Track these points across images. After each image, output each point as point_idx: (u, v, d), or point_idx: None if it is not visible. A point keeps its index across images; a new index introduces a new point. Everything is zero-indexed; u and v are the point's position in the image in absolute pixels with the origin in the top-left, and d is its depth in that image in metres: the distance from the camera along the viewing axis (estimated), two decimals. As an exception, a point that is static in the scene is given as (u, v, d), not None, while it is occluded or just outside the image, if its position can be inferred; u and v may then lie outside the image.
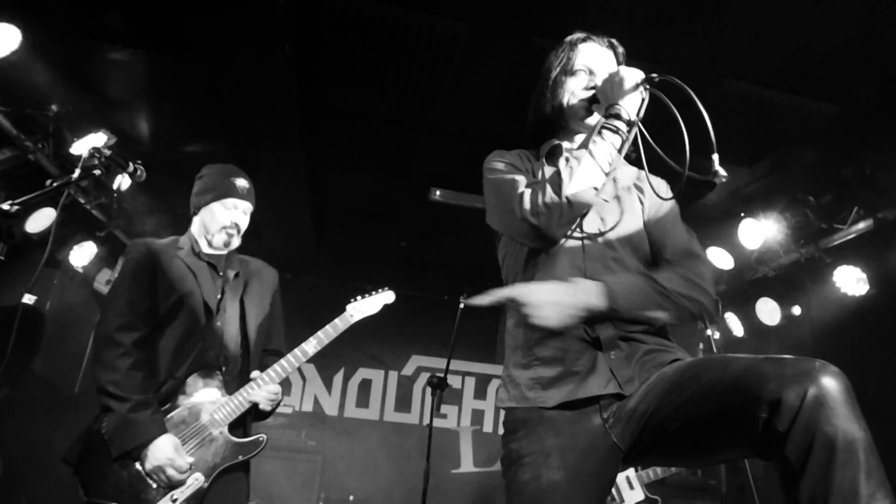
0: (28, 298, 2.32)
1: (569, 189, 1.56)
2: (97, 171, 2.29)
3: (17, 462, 4.54)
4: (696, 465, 1.55)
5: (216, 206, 2.63)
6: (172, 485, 2.23)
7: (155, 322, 2.42)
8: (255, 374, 2.53)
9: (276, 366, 2.56)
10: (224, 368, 2.48)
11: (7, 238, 1.91)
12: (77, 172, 2.26)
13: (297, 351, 2.62)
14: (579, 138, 1.91)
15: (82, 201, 4.94)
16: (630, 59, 3.73)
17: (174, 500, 2.23)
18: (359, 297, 2.99)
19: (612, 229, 1.74)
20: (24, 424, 4.82)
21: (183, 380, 2.40)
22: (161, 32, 3.69)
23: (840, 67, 3.55)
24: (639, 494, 4.10)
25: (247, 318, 2.61)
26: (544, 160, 1.90)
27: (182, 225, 2.76)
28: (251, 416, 2.56)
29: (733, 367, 1.32)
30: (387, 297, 3.08)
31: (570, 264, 1.65)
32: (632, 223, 1.79)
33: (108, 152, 2.34)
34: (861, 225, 4.50)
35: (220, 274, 2.63)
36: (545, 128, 1.96)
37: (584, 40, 2.00)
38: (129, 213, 5.47)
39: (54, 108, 4.23)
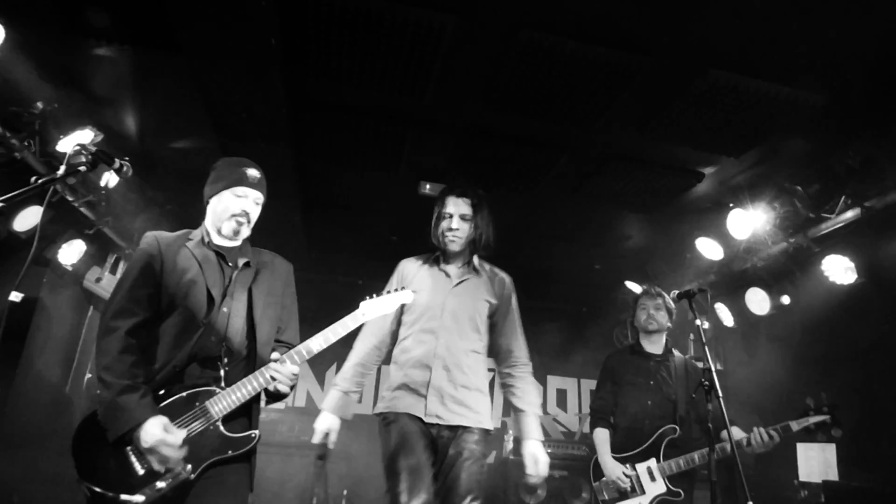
0: (15, 296, 2.31)
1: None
2: (83, 168, 2.28)
3: (8, 459, 4.53)
4: None
5: (226, 195, 2.65)
6: (169, 464, 2.23)
7: (156, 309, 2.42)
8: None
9: (288, 354, 2.52)
10: (226, 360, 2.46)
11: (-8, 236, 1.90)
12: (62, 169, 2.25)
13: (301, 348, 2.54)
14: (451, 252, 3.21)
15: (70, 199, 4.92)
16: (616, 50, 3.76)
17: (158, 490, 2.23)
18: (374, 295, 2.78)
19: (455, 304, 3.06)
20: (15, 422, 4.81)
21: (182, 367, 2.39)
22: (145, 28, 3.67)
23: (827, 57, 3.56)
24: (661, 486, 3.92)
25: (254, 308, 2.58)
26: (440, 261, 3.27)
27: (172, 220, 2.77)
28: (257, 406, 2.53)
29: None
30: (404, 296, 2.84)
31: (429, 323, 3.04)
32: (471, 303, 3.09)
33: (94, 149, 2.33)
34: (849, 214, 4.52)
35: (230, 264, 2.62)
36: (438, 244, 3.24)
37: (449, 192, 3.19)
38: (117, 211, 5.45)
39: (40, 105, 4.20)
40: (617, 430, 4.13)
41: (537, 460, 2.96)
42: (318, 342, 2.57)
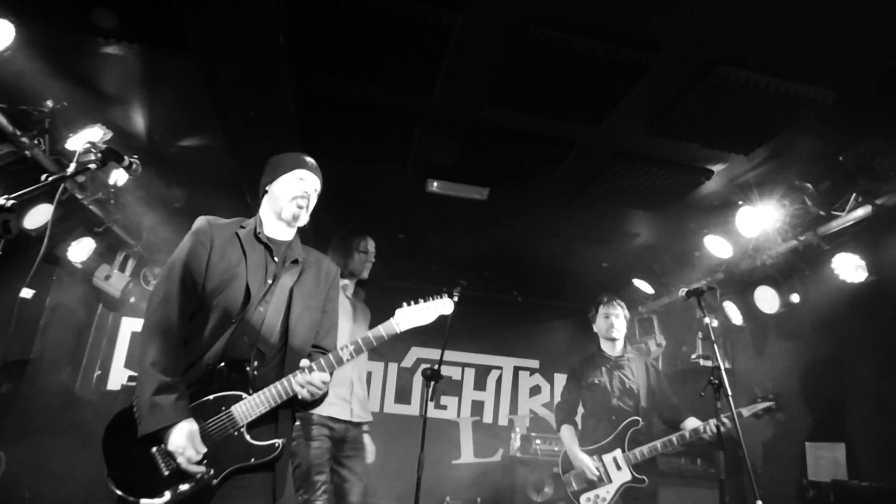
0: (26, 293, 2.31)
1: None
2: (92, 166, 2.28)
3: (19, 456, 4.56)
4: None
5: (287, 178, 2.65)
6: (183, 471, 2.22)
7: (199, 300, 2.39)
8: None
9: (317, 362, 2.43)
10: (256, 363, 2.40)
11: (4, 233, 1.90)
12: (72, 167, 2.25)
13: (331, 357, 2.43)
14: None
15: (80, 197, 4.95)
16: (624, 47, 3.74)
17: (181, 492, 2.23)
18: (410, 303, 2.60)
19: (355, 322, 4.18)
20: (25, 419, 4.84)
21: (213, 367, 2.34)
22: (154, 26, 3.68)
23: (838, 53, 3.53)
24: (626, 475, 4.21)
25: (291, 311, 2.51)
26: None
27: (179, 220, 2.75)
28: (285, 413, 2.47)
29: None
30: (443, 305, 2.63)
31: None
32: (362, 321, 4.32)
33: (103, 146, 2.33)
34: (859, 212, 4.48)
35: (275, 259, 2.56)
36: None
37: (367, 234, 4.39)
38: (126, 208, 5.47)
39: (49, 103, 4.22)
40: (585, 425, 4.56)
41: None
42: (349, 351, 2.46)
